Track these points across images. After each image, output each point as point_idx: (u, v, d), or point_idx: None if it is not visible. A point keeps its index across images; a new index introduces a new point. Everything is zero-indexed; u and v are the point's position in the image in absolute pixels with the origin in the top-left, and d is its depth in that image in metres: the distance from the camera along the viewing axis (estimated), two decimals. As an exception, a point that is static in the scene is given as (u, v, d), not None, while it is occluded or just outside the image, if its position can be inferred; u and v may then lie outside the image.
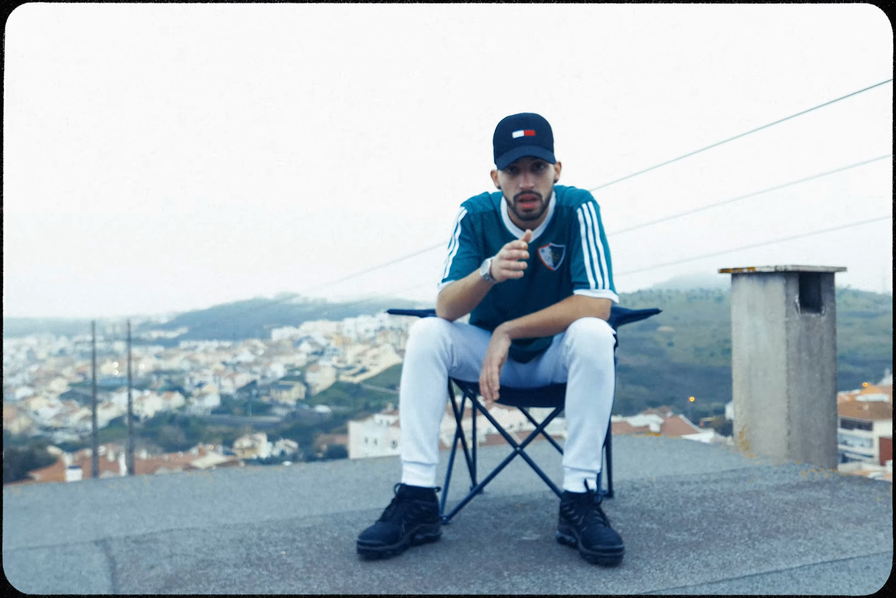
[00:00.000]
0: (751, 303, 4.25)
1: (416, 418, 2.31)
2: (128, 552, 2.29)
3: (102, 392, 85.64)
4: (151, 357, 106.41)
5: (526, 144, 2.25)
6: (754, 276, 4.21)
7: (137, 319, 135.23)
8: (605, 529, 2.17)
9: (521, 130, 2.26)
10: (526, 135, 2.26)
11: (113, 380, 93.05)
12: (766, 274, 4.15)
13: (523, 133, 2.26)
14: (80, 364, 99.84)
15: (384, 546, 2.17)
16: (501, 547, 2.28)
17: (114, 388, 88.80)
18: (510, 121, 2.30)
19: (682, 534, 2.40)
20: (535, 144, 2.25)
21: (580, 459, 2.28)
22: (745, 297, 4.29)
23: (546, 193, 2.33)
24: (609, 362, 2.22)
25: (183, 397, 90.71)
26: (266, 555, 2.24)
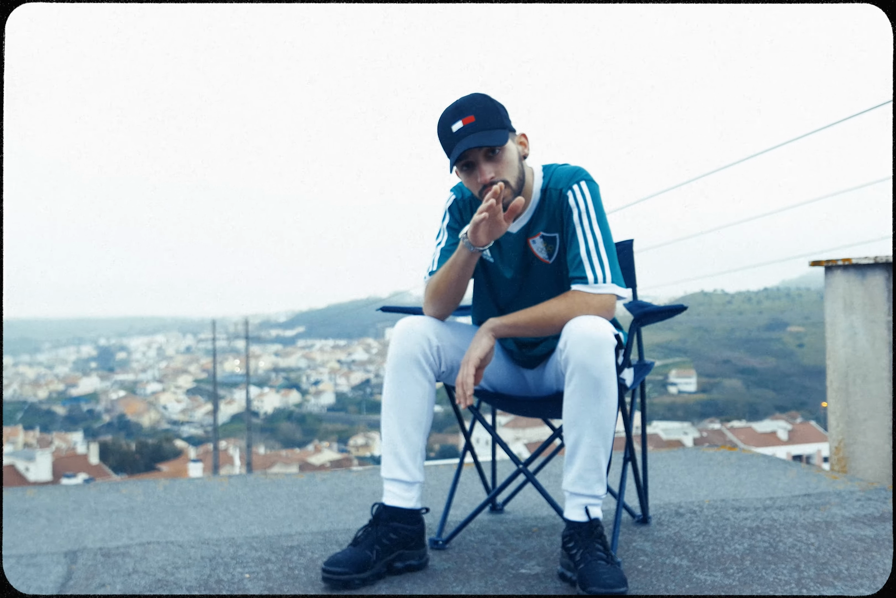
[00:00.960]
0: (847, 300, 3.75)
1: (397, 429, 2.03)
2: (90, 566, 2.11)
3: (224, 389, 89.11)
4: (270, 355, 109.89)
5: (467, 135, 1.93)
6: (851, 269, 3.70)
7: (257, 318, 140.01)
8: (607, 567, 1.83)
9: (458, 120, 1.95)
10: (465, 124, 1.94)
11: (234, 377, 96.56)
12: (864, 267, 3.64)
13: (461, 123, 1.94)
14: (205, 361, 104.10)
15: (351, 575, 1.89)
16: (491, 581, 1.97)
17: (235, 384, 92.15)
18: (446, 114, 1.99)
19: (715, 574, 2.02)
20: (477, 130, 1.93)
21: (579, 482, 1.94)
22: (840, 293, 3.78)
23: (514, 175, 2.01)
24: (608, 368, 1.87)
25: (300, 395, 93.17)
26: (227, 578, 2.01)
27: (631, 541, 2.30)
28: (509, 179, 2.00)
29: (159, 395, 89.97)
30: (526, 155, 2.08)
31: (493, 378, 2.22)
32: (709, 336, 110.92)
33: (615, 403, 1.92)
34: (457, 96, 2.01)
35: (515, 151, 2.02)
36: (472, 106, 1.96)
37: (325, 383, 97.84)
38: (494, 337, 1.98)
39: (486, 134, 1.94)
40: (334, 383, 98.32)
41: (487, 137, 1.93)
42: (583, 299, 1.97)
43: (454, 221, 2.18)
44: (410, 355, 2.01)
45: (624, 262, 2.55)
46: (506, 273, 2.16)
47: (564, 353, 1.92)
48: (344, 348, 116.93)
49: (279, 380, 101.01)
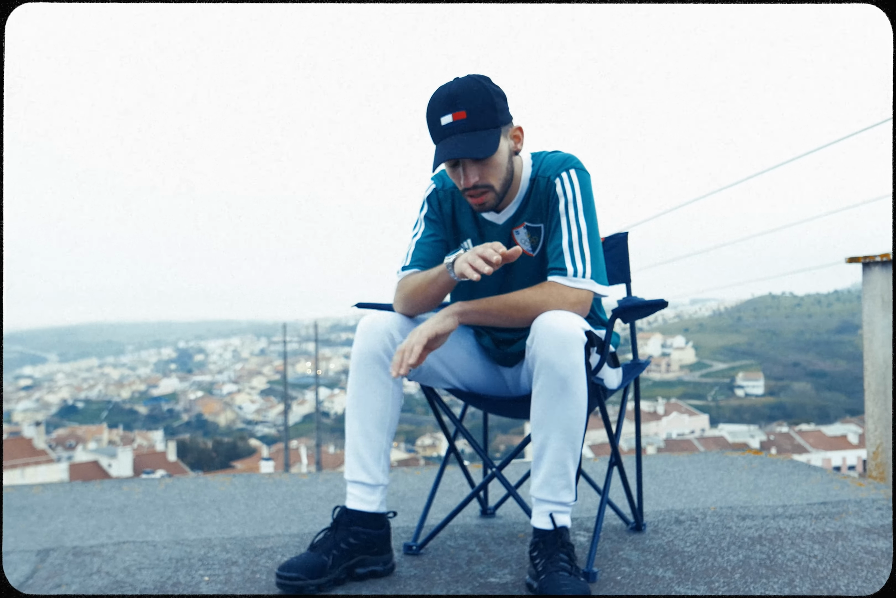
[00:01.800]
0: (886, 298, 3.52)
1: (358, 430, 1.95)
2: (56, 565, 2.10)
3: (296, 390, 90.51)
4: (340, 357, 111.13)
5: (455, 134, 1.81)
6: (889, 265, 3.47)
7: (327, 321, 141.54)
8: (568, 579, 1.72)
9: (448, 113, 1.81)
10: (455, 120, 1.80)
11: (306, 378, 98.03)
12: (892, 263, 3.42)
13: (451, 118, 1.80)
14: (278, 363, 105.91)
15: (304, 581, 1.82)
16: (454, 589, 1.87)
17: (306, 386, 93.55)
18: (436, 101, 1.84)
19: (699, 588, 1.88)
20: (466, 130, 1.80)
21: (545, 488, 1.83)
22: (879, 290, 3.56)
23: (499, 179, 1.88)
24: (577, 366, 1.75)
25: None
26: (186, 581, 1.96)
27: (618, 550, 2.17)
28: (494, 183, 1.88)
29: (235, 395, 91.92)
30: (518, 150, 1.94)
31: (468, 377, 2.12)
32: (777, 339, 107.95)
33: (584, 404, 1.81)
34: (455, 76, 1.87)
35: (506, 151, 1.89)
36: (465, 98, 1.81)
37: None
38: (460, 322, 1.86)
39: (475, 139, 1.81)
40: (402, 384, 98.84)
41: (476, 144, 1.80)
42: (559, 292, 1.85)
43: (432, 212, 2.09)
44: (372, 352, 1.93)
45: (618, 256, 2.42)
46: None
47: (532, 350, 1.81)
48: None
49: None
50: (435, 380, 2.06)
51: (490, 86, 1.85)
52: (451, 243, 2.08)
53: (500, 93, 1.87)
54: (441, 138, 1.84)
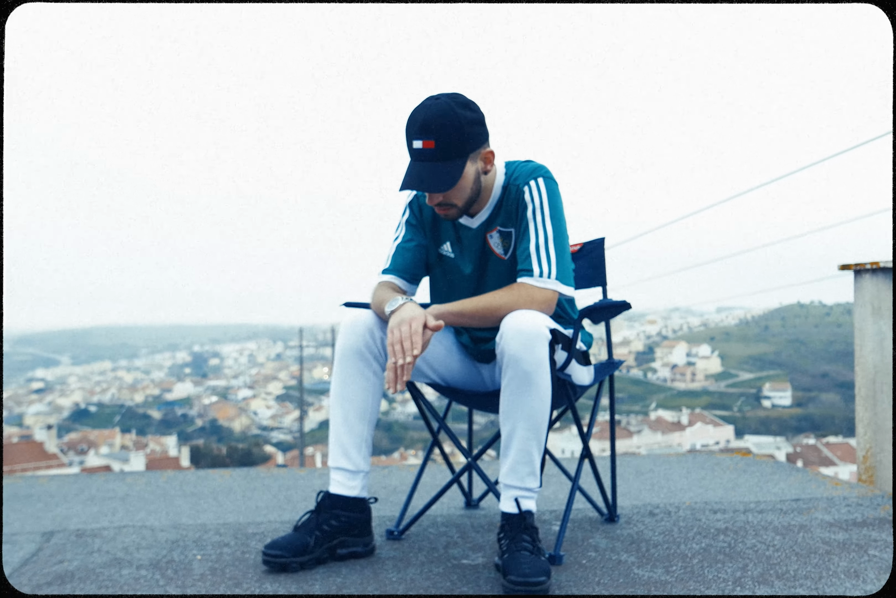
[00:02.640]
0: (875, 305, 3.62)
1: (341, 420, 2.09)
2: (59, 545, 2.24)
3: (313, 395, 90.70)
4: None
5: (423, 161, 1.96)
6: (879, 272, 3.57)
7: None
8: (529, 558, 1.84)
9: (420, 139, 1.95)
10: (424, 147, 1.94)
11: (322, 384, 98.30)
12: (893, 270, 3.52)
13: (422, 144, 1.95)
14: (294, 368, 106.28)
15: (288, 558, 1.96)
16: (427, 569, 2.00)
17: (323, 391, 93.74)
18: (412, 125, 1.97)
19: (657, 571, 2.00)
20: (433, 159, 1.94)
21: (512, 474, 1.96)
22: (869, 298, 3.66)
23: (462, 199, 2.03)
24: (541, 362, 1.89)
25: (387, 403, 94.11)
26: (179, 559, 2.10)
27: (588, 538, 2.30)
28: (457, 202, 2.03)
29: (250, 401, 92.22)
30: (487, 171, 2.07)
31: (447, 373, 2.26)
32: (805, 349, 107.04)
33: (548, 397, 1.94)
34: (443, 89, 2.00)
35: (471, 174, 2.02)
36: (437, 127, 1.94)
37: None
38: (440, 322, 1.97)
39: (438, 172, 1.95)
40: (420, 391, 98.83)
41: (438, 178, 1.95)
42: (527, 292, 1.99)
43: (413, 217, 2.23)
44: (354, 348, 2.07)
45: (595, 260, 2.55)
46: (465, 269, 2.19)
47: (500, 346, 1.95)
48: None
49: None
50: (416, 375, 2.20)
51: (463, 113, 1.96)
52: (430, 245, 2.22)
53: (474, 119, 1.98)
54: (412, 158, 1.99)
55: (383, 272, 2.18)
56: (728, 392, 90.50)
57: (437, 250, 2.22)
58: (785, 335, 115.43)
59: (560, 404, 2.17)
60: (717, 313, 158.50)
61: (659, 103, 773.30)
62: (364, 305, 2.30)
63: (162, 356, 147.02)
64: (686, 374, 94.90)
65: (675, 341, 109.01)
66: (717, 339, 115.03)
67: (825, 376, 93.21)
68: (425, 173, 1.96)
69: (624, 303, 2.12)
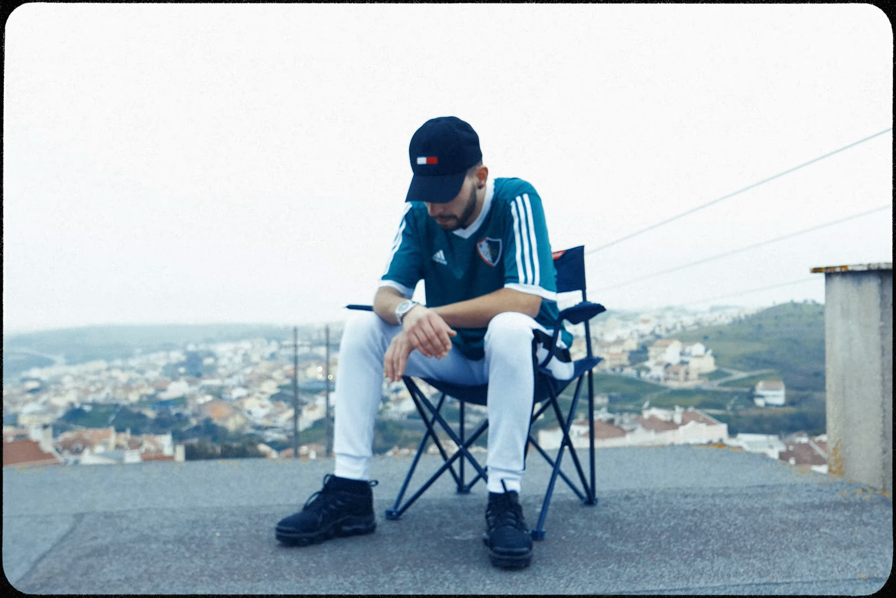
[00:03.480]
0: (844, 306, 3.86)
1: (346, 411, 2.33)
2: (91, 524, 2.48)
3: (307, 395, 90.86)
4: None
5: (427, 175, 2.21)
6: (848, 275, 3.81)
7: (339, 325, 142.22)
8: (513, 531, 2.09)
9: (424, 156, 2.20)
10: (428, 163, 2.19)
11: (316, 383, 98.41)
12: (859, 273, 3.76)
13: (426, 161, 2.20)
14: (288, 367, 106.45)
15: (299, 534, 2.20)
16: (423, 544, 2.25)
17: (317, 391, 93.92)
18: (416, 143, 2.23)
19: (627, 545, 2.25)
20: (436, 173, 2.20)
21: (498, 458, 2.20)
22: (838, 299, 3.90)
23: (460, 210, 2.28)
24: (524, 358, 2.13)
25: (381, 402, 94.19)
26: (200, 535, 2.34)
27: (568, 518, 2.54)
28: (456, 213, 2.29)
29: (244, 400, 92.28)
30: (482, 185, 2.33)
31: (441, 369, 2.50)
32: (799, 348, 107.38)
33: (530, 389, 2.18)
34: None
35: (468, 187, 2.27)
36: (439, 146, 2.19)
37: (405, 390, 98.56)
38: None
39: (440, 185, 2.20)
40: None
41: (440, 190, 2.20)
42: (513, 297, 2.23)
43: (409, 228, 2.47)
44: (357, 346, 2.32)
45: (576, 266, 2.79)
46: (456, 274, 2.43)
47: (488, 345, 2.19)
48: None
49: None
50: (413, 371, 2.44)
51: (462, 134, 2.22)
52: (425, 253, 2.46)
53: (470, 139, 2.24)
54: (416, 173, 2.24)
55: (383, 278, 2.42)
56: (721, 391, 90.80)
57: (432, 258, 2.46)
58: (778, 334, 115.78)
59: (543, 397, 2.41)
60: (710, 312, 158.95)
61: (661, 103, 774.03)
62: (366, 307, 2.54)
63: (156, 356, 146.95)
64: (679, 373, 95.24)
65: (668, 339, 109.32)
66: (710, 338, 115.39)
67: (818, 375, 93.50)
68: (429, 186, 2.21)
69: (598, 306, 2.37)
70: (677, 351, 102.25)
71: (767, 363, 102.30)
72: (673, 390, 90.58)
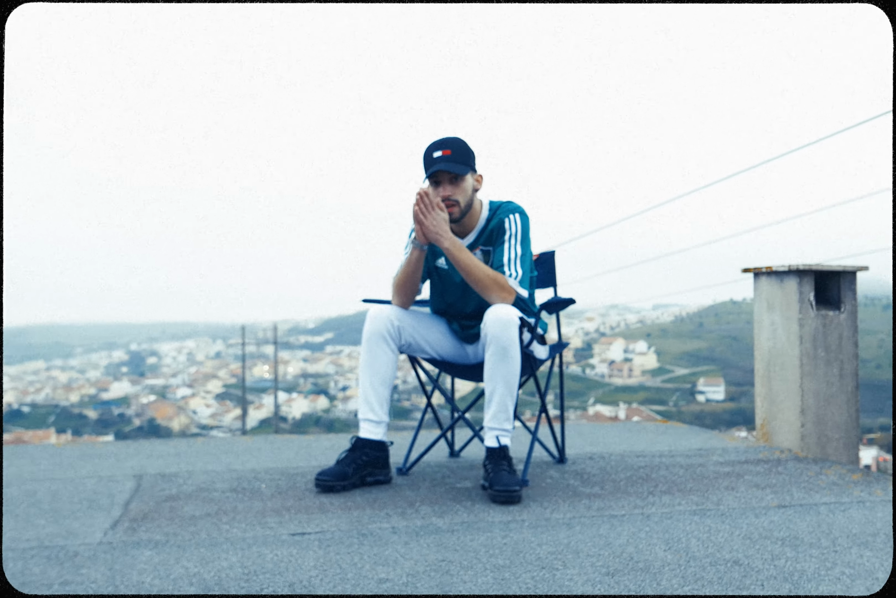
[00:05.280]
0: (770, 301, 4.52)
1: (369, 385, 2.88)
2: (152, 481, 2.98)
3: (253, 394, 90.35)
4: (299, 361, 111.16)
5: (442, 161, 2.78)
6: (773, 275, 4.47)
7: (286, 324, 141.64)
8: (507, 475, 2.66)
9: (439, 150, 2.79)
10: (443, 154, 2.78)
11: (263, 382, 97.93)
12: (782, 273, 4.41)
13: (441, 153, 2.78)
14: (234, 366, 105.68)
15: (334, 482, 2.75)
16: (433, 490, 2.81)
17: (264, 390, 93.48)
18: (433, 144, 2.82)
19: (594, 489, 2.84)
20: (450, 161, 2.78)
21: (493, 419, 2.78)
22: (765, 295, 4.56)
23: (464, 199, 2.84)
24: (514, 340, 2.71)
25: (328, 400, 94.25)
26: (249, 487, 2.87)
27: (546, 471, 3.13)
28: (460, 199, 2.84)
29: (189, 399, 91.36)
30: (477, 189, 2.91)
31: (442, 350, 3.07)
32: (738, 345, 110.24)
33: (518, 365, 2.75)
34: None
35: (471, 184, 2.86)
36: (452, 144, 2.81)
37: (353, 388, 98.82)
38: (450, 246, 2.73)
39: (455, 165, 2.79)
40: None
41: (455, 167, 2.79)
42: (503, 280, 2.78)
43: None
44: (378, 332, 2.87)
45: (548, 267, 3.38)
46: (455, 278, 2.99)
47: (484, 329, 2.76)
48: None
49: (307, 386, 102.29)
50: (419, 352, 3.00)
51: (468, 145, 2.84)
52: (429, 259, 3.02)
53: (473, 151, 2.86)
54: (431, 165, 2.81)
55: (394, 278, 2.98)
56: (664, 387, 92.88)
57: (434, 264, 3.02)
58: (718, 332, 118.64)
59: (526, 372, 2.99)
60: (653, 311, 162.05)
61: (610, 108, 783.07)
62: (379, 301, 3.10)
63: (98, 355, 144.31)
64: (623, 370, 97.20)
65: (612, 337, 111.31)
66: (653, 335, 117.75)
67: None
68: (446, 165, 2.77)
69: (571, 299, 2.96)
70: (621, 348, 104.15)
71: (708, 360, 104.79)
72: (617, 387, 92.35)
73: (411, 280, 2.90)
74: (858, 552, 2.07)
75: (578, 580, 1.84)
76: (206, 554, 2.06)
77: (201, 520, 2.41)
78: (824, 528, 2.30)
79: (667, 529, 2.29)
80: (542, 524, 2.35)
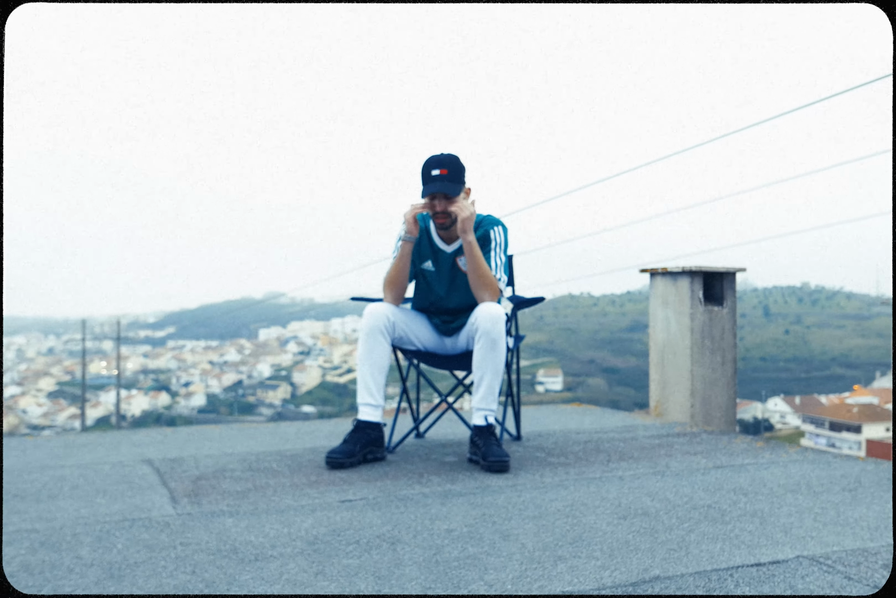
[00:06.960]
0: (664, 298, 5.18)
1: (368, 372, 3.26)
2: (166, 465, 3.24)
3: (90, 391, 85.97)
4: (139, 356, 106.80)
5: (440, 181, 3.20)
6: (667, 275, 5.13)
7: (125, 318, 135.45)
8: (497, 448, 3.13)
9: (437, 169, 3.20)
10: (441, 173, 3.20)
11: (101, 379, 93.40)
12: (675, 274, 5.08)
13: (439, 172, 3.20)
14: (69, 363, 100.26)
15: (344, 459, 3.12)
16: (427, 464, 3.23)
17: (101, 387, 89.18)
18: (431, 161, 3.22)
19: (560, 458, 3.36)
20: (446, 180, 3.20)
21: (482, 401, 3.23)
22: (660, 293, 5.22)
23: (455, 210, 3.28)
24: (502, 333, 3.17)
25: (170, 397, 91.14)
26: (262, 466, 3.19)
27: (510, 446, 3.62)
28: (452, 212, 3.26)
29: (18, 398, 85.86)
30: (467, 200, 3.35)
31: (426, 342, 3.49)
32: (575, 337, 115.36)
33: (504, 355, 3.22)
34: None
35: (461, 198, 3.27)
36: (448, 163, 3.21)
37: (197, 384, 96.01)
38: (472, 240, 3.19)
39: (450, 186, 3.19)
40: (206, 384, 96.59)
41: (450, 188, 3.19)
42: (496, 281, 3.25)
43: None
44: (377, 327, 3.25)
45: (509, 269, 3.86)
46: (440, 279, 3.41)
47: (475, 325, 3.20)
48: (216, 348, 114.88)
49: (148, 382, 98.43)
50: (408, 344, 3.42)
51: (461, 162, 3.26)
52: (416, 262, 3.42)
53: (464, 168, 3.28)
54: (429, 182, 3.21)
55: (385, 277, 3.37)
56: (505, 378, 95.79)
57: (421, 266, 3.44)
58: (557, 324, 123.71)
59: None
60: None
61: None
62: (367, 299, 3.48)
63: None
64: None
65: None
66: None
67: (592, 362, 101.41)
68: (443, 186, 3.19)
69: (541, 298, 3.46)
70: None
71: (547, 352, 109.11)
72: (461, 378, 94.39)
73: (402, 275, 3.30)
74: (793, 497, 2.68)
75: (601, 523, 2.34)
76: (282, 518, 2.40)
77: (249, 494, 2.72)
78: (758, 481, 2.92)
79: (642, 485, 2.83)
80: (541, 486, 2.83)
